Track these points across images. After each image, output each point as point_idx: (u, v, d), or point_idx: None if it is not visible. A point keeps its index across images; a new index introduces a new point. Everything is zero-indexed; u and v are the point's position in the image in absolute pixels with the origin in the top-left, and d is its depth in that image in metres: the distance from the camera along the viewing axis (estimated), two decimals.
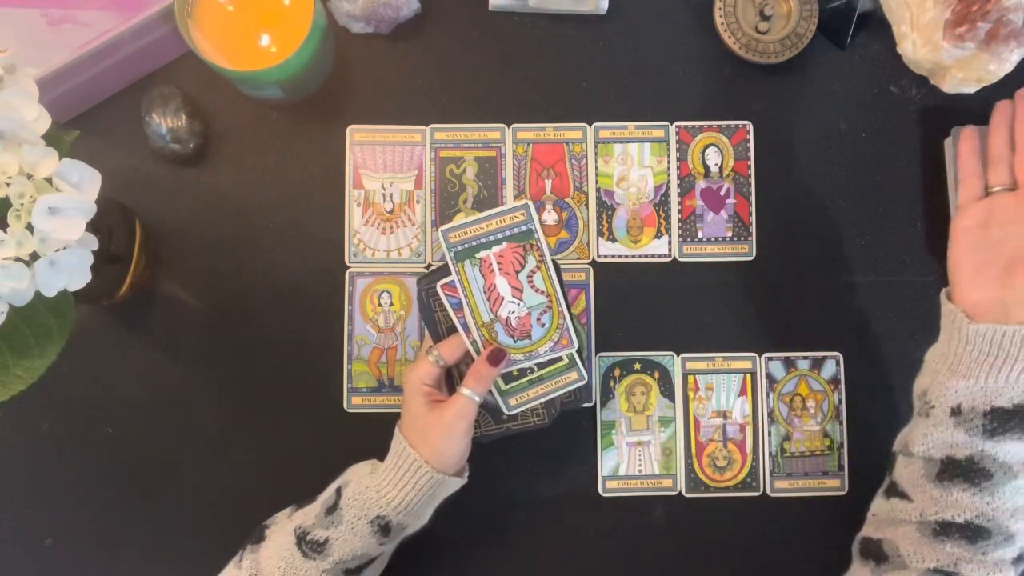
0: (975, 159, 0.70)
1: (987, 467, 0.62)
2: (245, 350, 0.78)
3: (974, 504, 0.62)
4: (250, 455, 0.78)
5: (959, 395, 0.64)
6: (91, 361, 0.77)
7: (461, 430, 0.65)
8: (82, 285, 0.56)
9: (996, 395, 0.62)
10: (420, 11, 0.80)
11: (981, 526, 0.62)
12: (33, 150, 0.53)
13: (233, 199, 0.79)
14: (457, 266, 0.66)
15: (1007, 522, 0.62)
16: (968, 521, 0.62)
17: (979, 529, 0.62)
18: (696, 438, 0.79)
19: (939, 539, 0.63)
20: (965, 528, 0.62)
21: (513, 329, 0.67)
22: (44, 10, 0.70)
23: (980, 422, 0.63)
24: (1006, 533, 0.62)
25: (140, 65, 0.78)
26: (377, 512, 0.64)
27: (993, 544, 0.62)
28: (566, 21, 0.82)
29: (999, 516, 0.62)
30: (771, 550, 0.78)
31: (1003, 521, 0.62)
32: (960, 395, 0.64)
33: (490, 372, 0.66)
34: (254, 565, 0.64)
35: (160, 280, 0.78)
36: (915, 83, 0.82)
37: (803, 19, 0.79)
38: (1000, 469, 0.62)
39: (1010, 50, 0.75)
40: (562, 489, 0.78)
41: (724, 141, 0.81)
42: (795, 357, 0.80)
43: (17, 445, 0.77)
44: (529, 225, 0.66)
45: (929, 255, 0.80)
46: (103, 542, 0.77)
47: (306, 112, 0.80)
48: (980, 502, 0.62)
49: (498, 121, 0.81)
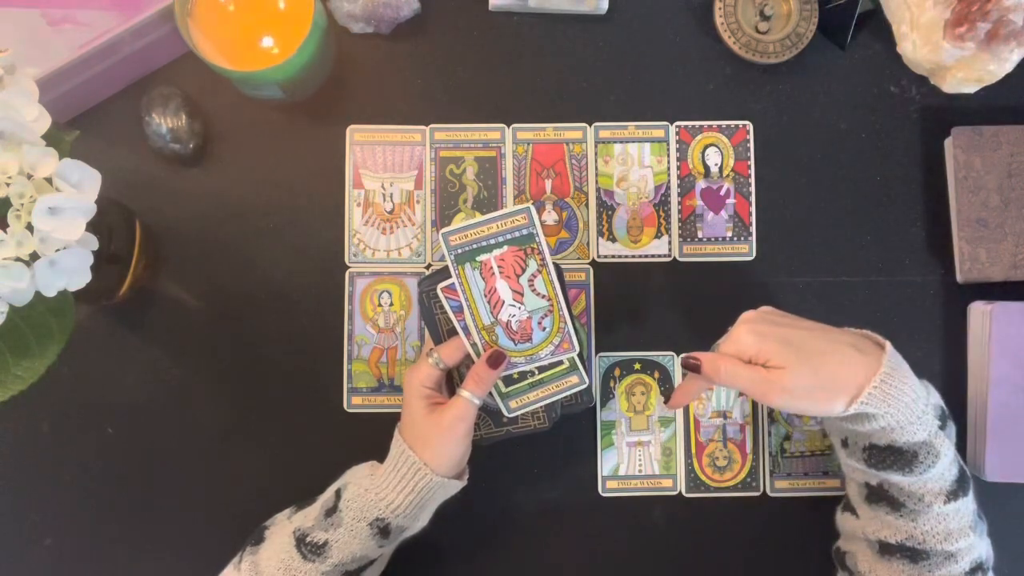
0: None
1: (896, 496, 0.63)
2: (245, 350, 0.78)
3: (902, 527, 0.63)
4: (250, 455, 0.78)
5: (842, 431, 0.66)
6: (91, 361, 0.77)
7: (461, 432, 0.65)
8: (82, 285, 0.56)
9: (868, 436, 0.63)
10: (420, 11, 0.80)
11: (915, 548, 0.62)
12: (33, 150, 0.53)
13: (233, 199, 0.79)
14: (457, 269, 0.66)
15: (940, 545, 0.62)
16: (901, 542, 0.63)
17: (915, 551, 0.62)
18: (696, 438, 0.79)
19: (885, 557, 0.64)
20: (902, 548, 0.63)
21: (514, 332, 0.67)
22: (44, 10, 0.70)
23: (862, 456, 0.63)
24: (944, 554, 0.62)
25: (140, 65, 0.78)
26: (376, 514, 0.64)
27: (934, 563, 0.62)
28: (566, 21, 0.81)
29: (929, 540, 0.62)
30: (771, 550, 0.78)
31: (935, 544, 0.62)
32: (843, 431, 0.65)
33: (490, 375, 0.66)
34: (253, 567, 0.64)
35: (160, 280, 0.78)
36: (915, 83, 0.82)
37: (803, 19, 0.79)
38: (910, 499, 0.62)
39: (1010, 50, 0.75)
40: (562, 489, 0.78)
41: (724, 141, 0.81)
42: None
43: (17, 445, 0.77)
44: (530, 229, 0.65)
45: (929, 255, 0.80)
46: (103, 542, 0.77)
47: (306, 112, 0.80)
48: (907, 525, 0.63)
49: (498, 121, 0.81)
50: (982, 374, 0.77)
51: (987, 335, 0.76)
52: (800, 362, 0.59)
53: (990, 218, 0.77)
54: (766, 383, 0.60)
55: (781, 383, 0.59)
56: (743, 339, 0.62)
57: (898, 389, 0.59)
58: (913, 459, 0.61)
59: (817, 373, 0.59)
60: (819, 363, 0.60)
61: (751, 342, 0.61)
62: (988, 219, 0.77)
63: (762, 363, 0.61)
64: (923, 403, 0.61)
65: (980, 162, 0.77)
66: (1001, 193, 0.77)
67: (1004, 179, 0.77)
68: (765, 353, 0.60)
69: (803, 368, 0.59)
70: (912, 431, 0.60)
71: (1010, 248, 0.77)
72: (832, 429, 0.68)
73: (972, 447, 0.78)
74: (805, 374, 0.59)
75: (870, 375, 0.59)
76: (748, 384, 0.61)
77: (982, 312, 0.77)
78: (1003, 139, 0.77)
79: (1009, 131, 0.77)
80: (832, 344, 0.61)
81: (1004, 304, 0.76)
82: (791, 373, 0.59)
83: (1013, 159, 0.77)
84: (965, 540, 0.62)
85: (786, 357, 0.60)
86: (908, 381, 0.60)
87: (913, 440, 0.61)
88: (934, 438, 0.61)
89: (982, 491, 0.71)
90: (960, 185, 0.77)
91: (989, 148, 0.77)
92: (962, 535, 0.62)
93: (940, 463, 0.61)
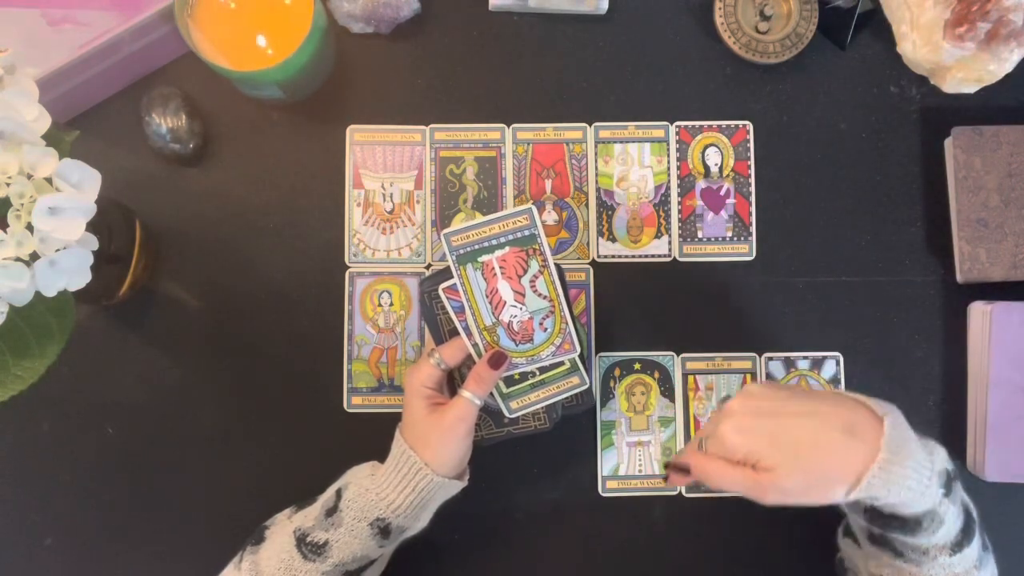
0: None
1: (899, 548, 0.61)
2: (245, 350, 0.78)
3: (905, 570, 0.62)
4: (250, 455, 0.78)
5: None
6: (91, 361, 0.77)
7: (461, 433, 0.65)
8: (82, 285, 0.56)
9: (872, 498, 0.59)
10: (420, 11, 0.80)
11: None
12: (33, 150, 0.53)
13: (233, 199, 0.79)
14: (459, 269, 0.66)
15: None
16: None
17: None
18: None
19: None
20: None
21: (515, 333, 0.67)
22: (44, 10, 0.70)
23: (863, 515, 0.61)
24: None
25: (140, 65, 0.77)
26: (377, 514, 0.64)
27: None
28: (566, 21, 0.81)
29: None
30: (771, 550, 0.78)
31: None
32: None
33: (491, 375, 0.66)
34: (254, 566, 0.64)
35: (160, 280, 0.78)
36: (915, 83, 0.82)
37: (803, 19, 0.79)
38: (914, 552, 0.61)
39: (1010, 50, 0.75)
40: (562, 489, 0.78)
41: (724, 141, 0.81)
42: (795, 357, 0.80)
43: (17, 445, 0.77)
44: (532, 230, 0.65)
45: (929, 255, 0.80)
46: (103, 542, 0.77)
47: (306, 112, 0.80)
48: (911, 569, 0.61)
49: (498, 121, 0.81)
50: (982, 374, 0.77)
51: (987, 335, 0.76)
52: (790, 461, 0.56)
53: (990, 218, 0.77)
54: (758, 487, 0.57)
55: (774, 484, 0.56)
56: (729, 440, 0.58)
57: (899, 473, 0.56)
58: (916, 526, 0.58)
59: (809, 472, 0.56)
60: (810, 460, 0.56)
61: (738, 443, 0.57)
62: (988, 219, 0.77)
63: (752, 464, 0.57)
64: (927, 477, 0.57)
65: (980, 162, 0.77)
66: (1001, 193, 0.77)
67: (1004, 179, 0.77)
68: (754, 455, 0.57)
69: (794, 468, 0.56)
70: (915, 504, 0.57)
71: (1010, 248, 0.77)
72: None
73: (972, 447, 0.78)
74: (797, 474, 0.56)
75: (868, 462, 0.55)
76: (740, 488, 0.58)
77: (982, 312, 0.77)
78: (1003, 139, 0.77)
79: (1009, 131, 0.77)
80: (824, 432, 0.57)
81: (1004, 304, 0.76)
82: (782, 474, 0.56)
83: (1013, 159, 0.77)
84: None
85: (775, 457, 0.56)
86: (909, 460, 0.56)
87: (916, 511, 0.58)
88: (938, 506, 0.58)
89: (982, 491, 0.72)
90: (960, 185, 0.77)
91: (989, 148, 0.77)
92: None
93: (944, 527, 0.59)
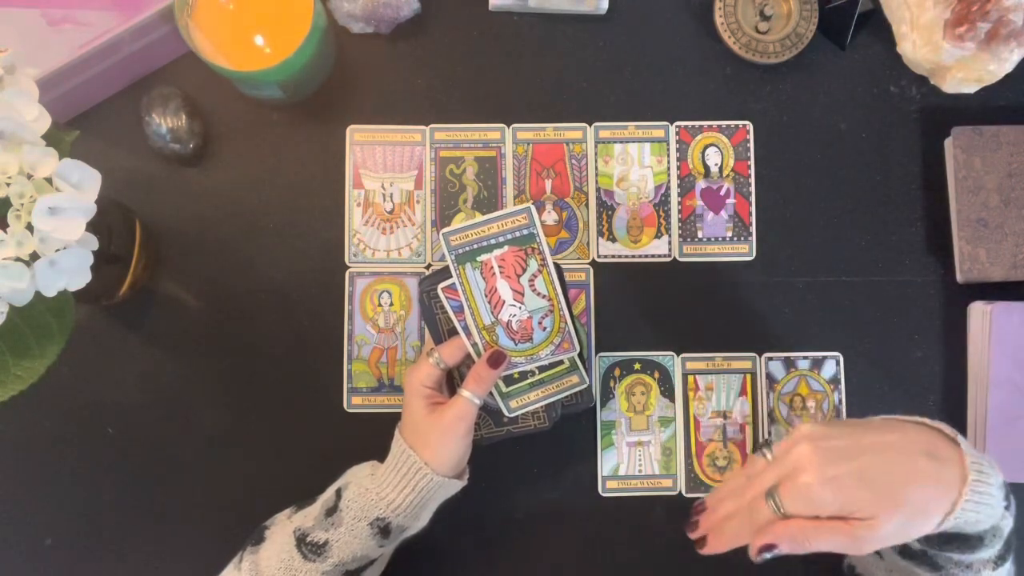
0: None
1: (940, 563, 0.59)
2: (245, 350, 0.78)
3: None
4: (250, 455, 0.78)
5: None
6: (91, 361, 0.77)
7: (461, 432, 0.65)
8: (82, 285, 0.56)
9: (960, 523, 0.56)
10: (420, 11, 0.80)
11: None
12: (33, 150, 0.53)
13: (233, 199, 0.79)
14: (458, 269, 0.66)
15: None
16: None
17: None
18: (696, 438, 0.79)
19: None
20: None
21: (514, 332, 0.67)
22: (44, 10, 0.70)
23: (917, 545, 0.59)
24: None
25: (140, 65, 0.78)
26: (377, 514, 0.64)
27: None
28: (566, 21, 0.81)
29: None
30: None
31: None
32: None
33: (490, 374, 0.66)
34: (254, 566, 0.64)
35: (160, 280, 0.78)
36: (915, 83, 0.82)
37: (803, 19, 0.79)
38: (957, 567, 0.58)
39: (1010, 50, 0.75)
40: (562, 489, 0.78)
41: (724, 141, 0.81)
42: (795, 357, 0.80)
43: (17, 445, 0.77)
44: (531, 229, 0.66)
45: (929, 255, 0.80)
46: (103, 542, 0.77)
47: (306, 112, 0.80)
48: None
49: (498, 121, 0.81)
50: (982, 374, 0.77)
51: (987, 335, 0.76)
52: (888, 505, 0.52)
53: (990, 218, 0.77)
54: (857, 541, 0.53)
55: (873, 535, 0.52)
56: (819, 497, 0.52)
57: (987, 492, 0.53)
58: (978, 543, 0.56)
59: (910, 510, 0.52)
60: (904, 497, 0.52)
61: (829, 497, 0.52)
62: (988, 219, 0.77)
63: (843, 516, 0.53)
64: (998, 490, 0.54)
65: (980, 162, 0.77)
66: (1001, 193, 0.77)
67: (1004, 179, 0.77)
68: (848, 507, 0.52)
69: (894, 511, 0.52)
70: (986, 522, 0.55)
71: (1010, 248, 0.77)
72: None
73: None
74: (897, 516, 0.52)
75: (960, 485, 0.53)
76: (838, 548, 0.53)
77: (982, 312, 0.77)
78: (1003, 139, 0.77)
79: (1009, 131, 0.77)
80: (908, 463, 0.53)
81: (1004, 304, 0.76)
82: (883, 520, 0.52)
83: (1013, 159, 0.77)
84: None
85: (872, 505, 0.52)
86: (992, 478, 0.54)
87: (982, 529, 0.56)
88: (1001, 521, 0.56)
89: None
90: (960, 185, 0.77)
91: (989, 148, 0.77)
92: None
93: (1000, 540, 0.57)
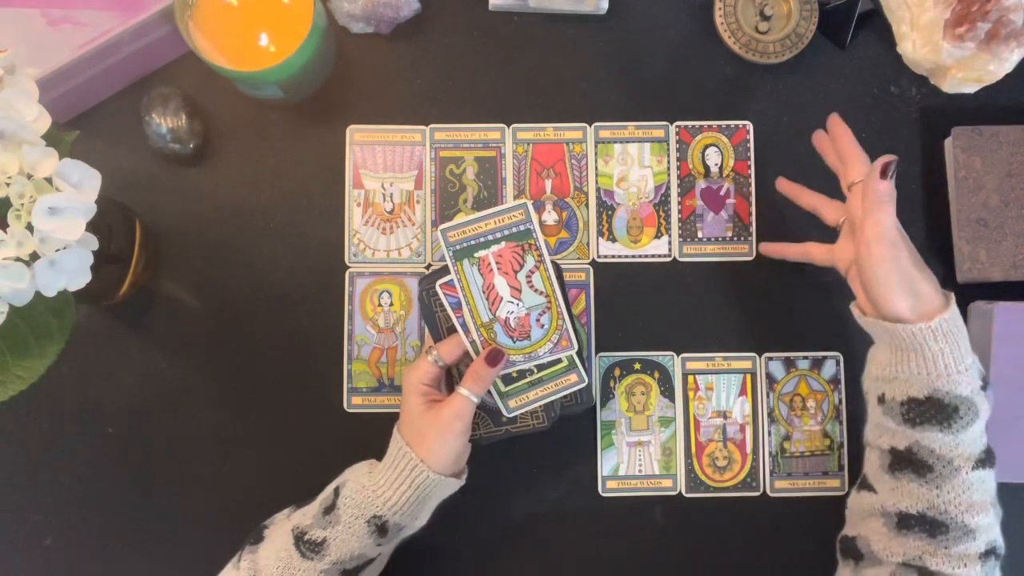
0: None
1: (925, 459, 0.63)
2: (245, 350, 0.78)
3: (924, 495, 0.63)
4: (250, 455, 0.78)
5: (881, 385, 0.66)
6: (91, 361, 0.77)
7: (458, 430, 0.65)
8: (82, 285, 0.56)
9: (909, 385, 0.64)
10: (420, 11, 0.80)
11: (935, 519, 0.62)
12: (33, 150, 0.53)
13: (233, 199, 0.79)
14: (456, 265, 0.66)
15: (962, 516, 0.62)
16: (921, 513, 0.63)
17: (935, 522, 0.62)
18: (696, 438, 0.79)
19: (903, 532, 0.63)
20: (921, 520, 0.63)
21: (512, 330, 0.67)
22: (44, 10, 0.70)
23: (899, 411, 0.64)
24: (964, 528, 0.62)
25: (140, 65, 0.78)
26: (374, 512, 0.64)
27: (953, 538, 0.62)
28: (566, 21, 0.82)
29: (951, 510, 0.62)
30: (771, 550, 0.78)
31: (957, 515, 0.62)
32: (882, 385, 0.66)
33: (488, 372, 0.66)
34: (252, 565, 0.64)
35: (160, 280, 0.78)
36: (915, 83, 0.82)
37: (803, 19, 0.79)
38: (939, 462, 0.62)
39: (1010, 50, 0.75)
40: (562, 489, 0.78)
41: (724, 141, 0.81)
42: (795, 357, 0.80)
43: (17, 445, 0.77)
44: (528, 225, 0.66)
45: (929, 255, 0.80)
46: (103, 542, 0.77)
47: (306, 112, 0.80)
48: (929, 494, 0.63)
49: (498, 121, 0.81)
50: None
51: (988, 335, 0.76)
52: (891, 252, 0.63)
53: (990, 218, 0.77)
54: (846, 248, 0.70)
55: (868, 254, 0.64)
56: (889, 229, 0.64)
57: (957, 332, 0.63)
58: (953, 413, 0.62)
59: (902, 270, 0.63)
60: (909, 266, 0.64)
61: (894, 236, 0.64)
62: (988, 219, 0.77)
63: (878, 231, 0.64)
64: (970, 357, 0.63)
65: (980, 162, 0.77)
66: (1001, 193, 0.77)
67: (1004, 179, 0.77)
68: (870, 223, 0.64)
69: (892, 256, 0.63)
70: (956, 381, 0.62)
71: (1010, 248, 0.77)
72: (872, 383, 0.68)
73: None
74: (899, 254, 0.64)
75: (941, 308, 0.63)
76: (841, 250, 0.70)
77: (982, 312, 0.77)
78: (1003, 139, 0.77)
79: (1009, 131, 0.77)
80: (924, 266, 0.65)
81: (1004, 304, 0.76)
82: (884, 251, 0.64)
83: (1013, 159, 0.77)
84: (985, 516, 0.62)
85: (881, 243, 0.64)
86: (963, 330, 0.64)
87: (956, 392, 0.62)
88: (975, 395, 0.62)
89: None
90: (960, 185, 0.77)
91: (989, 148, 0.77)
92: (983, 509, 0.62)
93: (977, 423, 0.62)
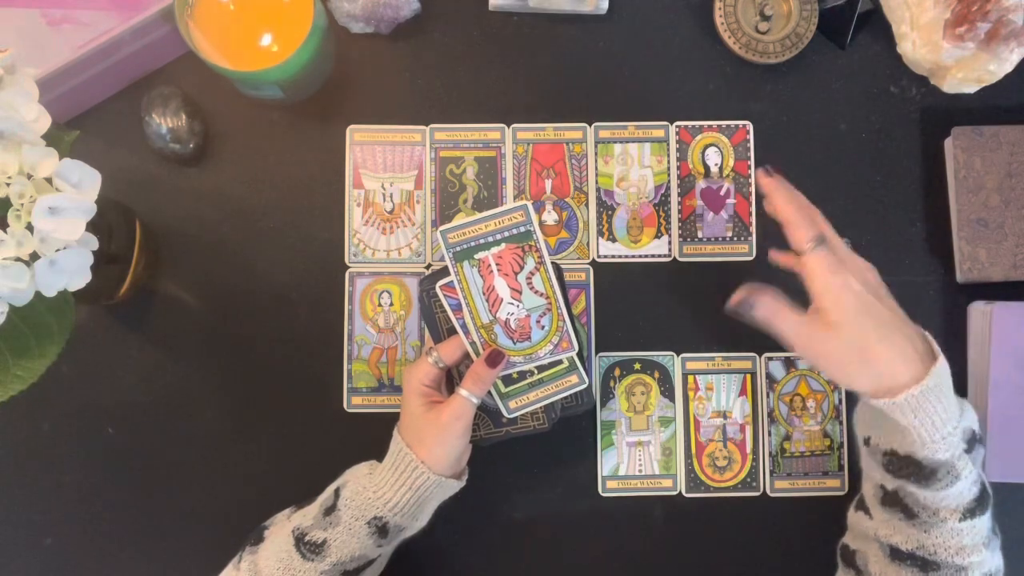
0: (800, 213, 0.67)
1: (911, 505, 0.63)
2: (245, 350, 0.78)
3: (913, 535, 0.63)
4: (250, 455, 0.78)
5: (866, 428, 0.66)
6: (91, 361, 0.77)
7: (458, 431, 0.65)
8: (82, 285, 0.56)
9: (892, 437, 0.63)
10: (420, 11, 0.80)
11: (926, 559, 0.62)
12: (33, 150, 0.53)
13: (233, 199, 0.79)
14: (456, 267, 0.66)
15: (952, 558, 0.61)
16: (911, 551, 0.62)
17: (926, 561, 0.62)
18: (696, 438, 0.79)
19: (895, 562, 0.63)
20: (912, 557, 0.62)
21: (512, 331, 0.67)
22: (44, 10, 0.70)
23: (882, 460, 0.64)
24: (955, 567, 0.61)
25: (140, 65, 0.78)
26: (374, 513, 0.64)
27: (944, 574, 0.62)
28: (566, 21, 0.81)
29: (940, 552, 0.61)
30: (771, 550, 0.78)
31: (947, 558, 0.61)
32: (867, 428, 0.66)
33: (488, 374, 0.66)
34: (253, 566, 0.64)
35: (160, 280, 0.78)
36: (915, 83, 0.82)
37: (803, 19, 0.79)
38: (924, 511, 0.62)
39: (1010, 50, 0.75)
40: (562, 489, 0.78)
41: (724, 141, 0.81)
42: (795, 357, 0.80)
43: (17, 445, 0.77)
44: (528, 226, 0.66)
45: (929, 255, 0.80)
46: (103, 542, 0.77)
47: (306, 112, 0.80)
48: (919, 535, 0.62)
49: (498, 121, 0.81)
50: (982, 374, 0.77)
51: (987, 335, 0.76)
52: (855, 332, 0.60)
53: (990, 218, 0.77)
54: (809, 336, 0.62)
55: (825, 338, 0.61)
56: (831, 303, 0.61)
57: (931, 406, 0.59)
58: (931, 475, 0.60)
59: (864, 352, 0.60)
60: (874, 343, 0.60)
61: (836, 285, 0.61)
62: (988, 219, 0.77)
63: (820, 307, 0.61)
64: (952, 424, 0.60)
65: (980, 162, 0.77)
66: (1001, 193, 0.77)
67: (1004, 179, 0.77)
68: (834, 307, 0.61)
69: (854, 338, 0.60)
70: (934, 448, 0.60)
71: (1010, 248, 0.77)
72: (860, 424, 0.68)
73: None
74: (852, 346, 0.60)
75: (911, 383, 0.59)
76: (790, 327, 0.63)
77: (982, 312, 0.77)
78: (1003, 139, 0.77)
79: (1009, 131, 0.77)
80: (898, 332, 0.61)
81: (1004, 304, 0.76)
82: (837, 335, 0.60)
83: (1013, 159, 0.77)
84: (977, 555, 0.61)
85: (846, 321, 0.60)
86: (943, 400, 0.60)
87: (934, 458, 0.60)
88: (956, 460, 0.60)
89: None
90: (960, 185, 0.77)
91: (989, 148, 0.77)
92: (975, 551, 0.61)
93: (958, 484, 0.60)
